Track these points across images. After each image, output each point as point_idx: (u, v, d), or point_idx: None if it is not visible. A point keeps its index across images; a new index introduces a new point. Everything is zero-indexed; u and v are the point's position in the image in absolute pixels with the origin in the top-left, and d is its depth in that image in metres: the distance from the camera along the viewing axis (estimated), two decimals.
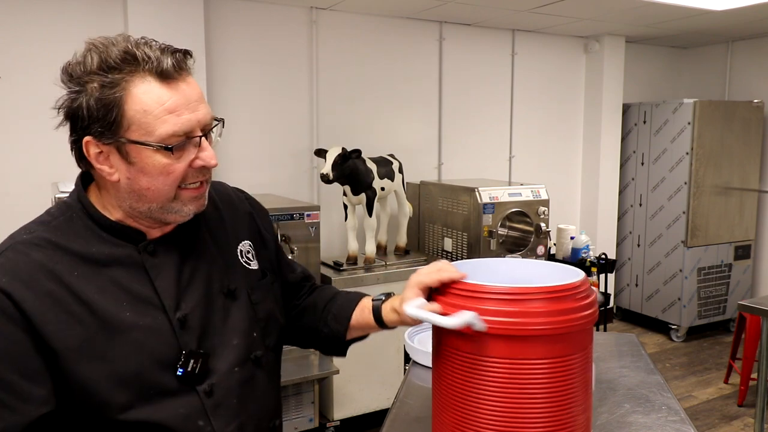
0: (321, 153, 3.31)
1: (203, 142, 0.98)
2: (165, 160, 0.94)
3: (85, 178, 1.04)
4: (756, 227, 5.02)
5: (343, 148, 3.22)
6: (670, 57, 5.57)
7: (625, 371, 1.67)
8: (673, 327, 4.85)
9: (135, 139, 0.93)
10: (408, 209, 3.76)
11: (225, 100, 3.52)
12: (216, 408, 1.01)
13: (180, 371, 0.98)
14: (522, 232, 3.60)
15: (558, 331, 0.95)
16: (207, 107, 0.99)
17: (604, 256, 3.92)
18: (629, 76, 5.12)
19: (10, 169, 3.11)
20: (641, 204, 5.06)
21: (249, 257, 1.16)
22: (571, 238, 3.97)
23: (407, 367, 1.98)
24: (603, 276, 3.93)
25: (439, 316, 0.97)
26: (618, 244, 5.26)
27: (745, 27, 4.58)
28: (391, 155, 3.70)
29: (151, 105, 0.92)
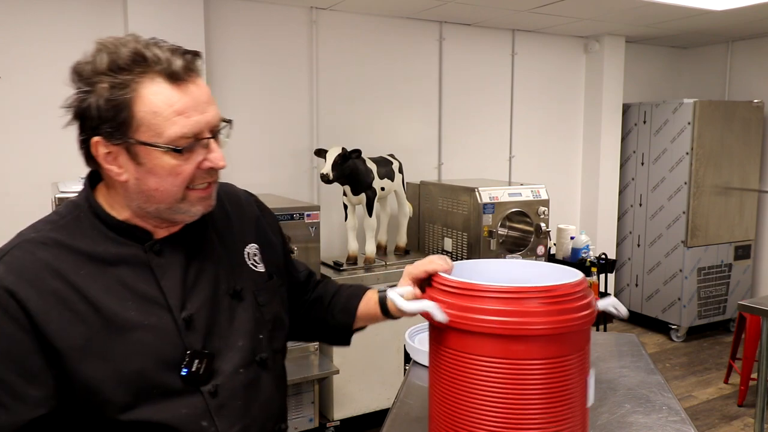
0: (321, 153, 3.31)
1: (211, 143, 0.98)
2: (173, 161, 0.94)
3: (94, 177, 1.04)
4: (756, 227, 5.02)
5: (343, 148, 3.22)
6: (670, 57, 5.57)
7: (625, 371, 1.67)
8: (673, 327, 4.85)
9: (144, 141, 0.93)
10: (408, 209, 3.76)
11: (225, 100, 3.52)
12: (220, 409, 1.00)
13: (184, 371, 0.97)
14: (522, 232, 3.60)
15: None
16: (215, 109, 1.00)
17: (604, 256, 3.92)
18: (629, 76, 5.12)
19: (10, 169, 3.11)
20: (641, 204, 5.06)
21: (256, 260, 1.15)
22: (571, 238, 3.97)
23: (407, 367, 1.98)
24: (603, 276, 3.93)
25: (402, 300, 1.08)
26: (618, 244, 5.26)
27: (745, 27, 4.58)
28: (391, 155, 3.70)
29: (161, 106, 0.92)
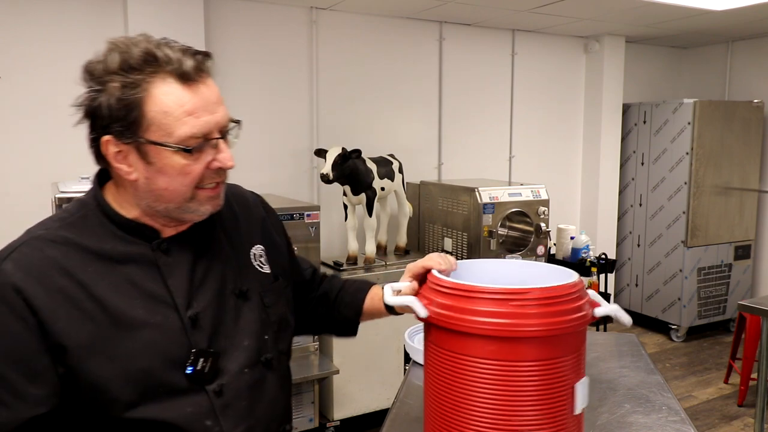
0: (321, 153, 3.31)
1: (220, 143, 0.99)
2: (183, 161, 0.95)
3: (102, 175, 1.05)
4: (756, 227, 5.02)
5: (343, 148, 3.22)
6: (670, 57, 5.57)
7: (625, 371, 1.67)
8: (673, 327, 4.85)
9: (154, 140, 0.94)
10: (408, 209, 3.76)
11: (225, 100, 3.51)
12: (225, 408, 1.00)
13: (189, 369, 0.97)
14: (522, 232, 3.60)
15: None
16: (225, 109, 1.01)
17: (604, 256, 3.92)
18: (629, 76, 5.11)
19: (10, 169, 3.11)
20: (641, 204, 5.06)
21: (262, 261, 1.16)
22: (571, 238, 3.97)
23: (407, 367, 1.98)
24: (603, 276, 3.93)
25: (389, 294, 1.13)
26: (618, 244, 5.26)
27: (745, 27, 4.58)
28: (391, 155, 3.70)
29: (171, 106, 0.93)
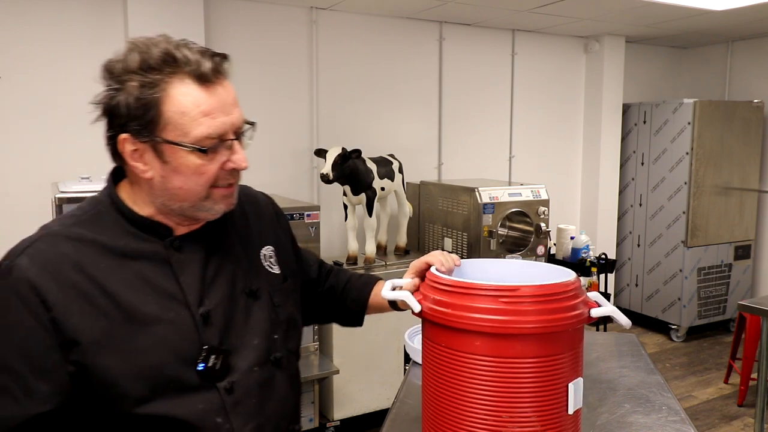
0: (321, 153, 3.31)
1: (235, 144, 1.01)
2: (198, 161, 0.97)
3: (117, 173, 1.06)
4: (756, 227, 5.02)
5: (343, 148, 3.22)
6: (670, 57, 5.57)
7: (625, 371, 1.67)
8: (673, 327, 4.85)
9: (170, 139, 0.95)
10: (408, 209, 3.76)
11: None
12: (235, 406, 1.01)
13: (201, 366, 0.98)
14: (522, 232, 3.60)
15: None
16: (240, 111, 1.01)
17: (604, 256, 3.92)
18: (629, 76, 5.12)
19: (10, 169, 3.11)
20: (641, 204, 5.06)
21: (272, 261, 1.17)
22: (571, 238, 3.97)
23: (407, 367, 1.98)
24: (603, 276, 3.93)
25: (387, 288, 1.17)
26: (618, 244, 5.26)
27: (745, 27, 4.58)
28: (391, 155, 3.70)
29: (189, 107, 0.94)
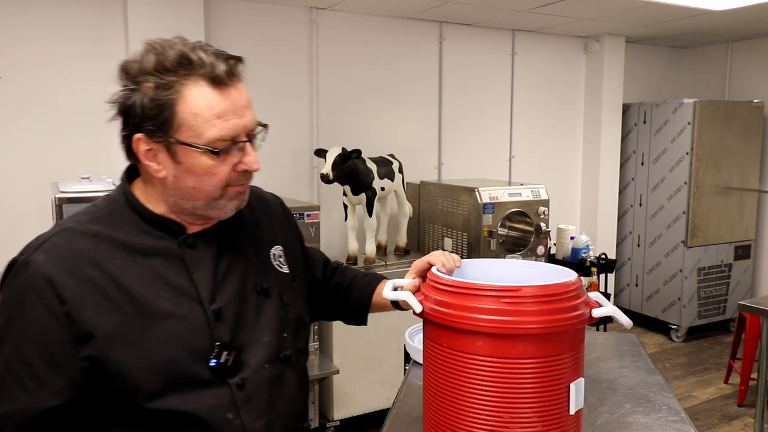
0: (321, 153, 3.30)
1: (247, 146, 1.02)
2: (210, 162, 0.98)
3: (131, 172, 1.08)
4: (756, 227, 5.02)
5: (343, 148, 3.22)
6: (670, 57, 5.57)
7: (625, 371, 1.67)
8: (673, 327, 4.85)
9: (184, 140, 0.96)
10: (408, 209, 3.76)
11: None
12: (246, 402, 1.02)
13: (213, 362, 0.99)
14: (522, 232, 3.60)
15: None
16: (253, 113, 1.03)
17: (604, 256, 3.92)
18: (629, 76, 5.11)
19: (10, 169, 3.11)
20: (641, 204, 5.06)
21: (281, 261, 1.19)
22: (571, 238, 3.97)
23: (407, 367, 1.98)
24: (603, 276, 3.93)
25: (388, 288, 1.17)
26: (618, 244, 5.26)
27: (745, 27, 4.58)
28: (391, 155, 3.70)
29: (202, 109, 0.96)
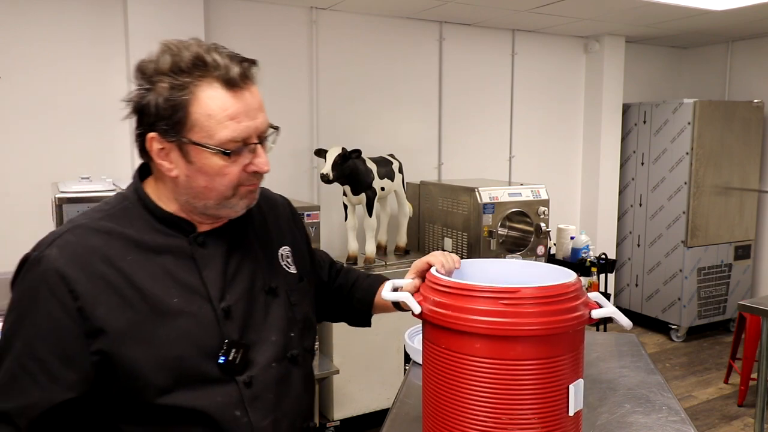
0: (321, 153, 3.31)
1: (258, 148, 1.03)
2: (221, 162, 0.99)
3: (143, 170, 1.10)
4: (756, 227, 5.02)
5: (343, 148, 3.22)
6: (670, 57, 5.57)
7: (625, 371, 1.67)
8: (673, 327, 4.85)
9: (196, 141, 0.98)
10: (408, 209, 3.76)
11: None
12: (254, 400, 1.03)
13: (222, 359, 1.00)
14: (522, 232, 3.60)
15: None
16: (265, 116, 1.04)
17: (604, 256, 3.92)
18: (629, 76, 5.11)
19: (10, 169, 3.11)
20: (641, 204, 5.06)
21: (288, 261, 1.20)
22: (571, 238, 3.97)
23: (407, 367, 1.98)
24: (603, 276, 3.93)
25: (387, 289, 1.18)
26: (618, 244, 5.26)
27: (745, 27, 4.58)
28: (391, 155, 3.70)
29: (215, 110, 0.97)
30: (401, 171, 3.67)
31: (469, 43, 4.43)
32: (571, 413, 0.99)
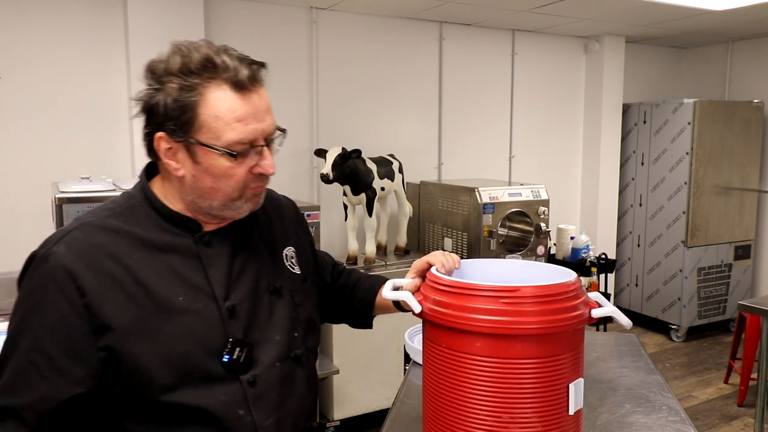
0: (321, 153, 3.31)
1: (264, 150, 1.05)
2: (228, 163, 1.00)
3: (150, 169, 1.11)
4: (756, 227, 5.02)
5: (343, 148, 3.22)
6: (670, 57, 5.57)
7: (625, 371, 1.67)
8: (673, 327, 4.85)
9: (203, 141, 0.99)
10: (408, 209, 3.76)
11: None
12: (257, 399, 1.03)
13: (226, 358, 1.01)
14: (522, 232, 3.60)
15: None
16: (272, 118, 1.06)
17: (604, 256, 3.92)
18: (629, 76, 5.11)
19: (10, 169, 3.11)
20: (641, 204, 5.06)
21: (293, 262, 1.21)
22: (571, 238, 3.97)
23: (407, 367, 1.98)
24: (603, 276, 3.93)
25: (388, 288, 1.17)
26: (618, 244, 5.26)
27: (745, 27, 4.58)
28: (391, 155, 3.70)
29: (223, 112, 0.98)
30: (401, 171, 3.67)
31: (469, 43, 4.43)
32: (572, 412, 0.99)
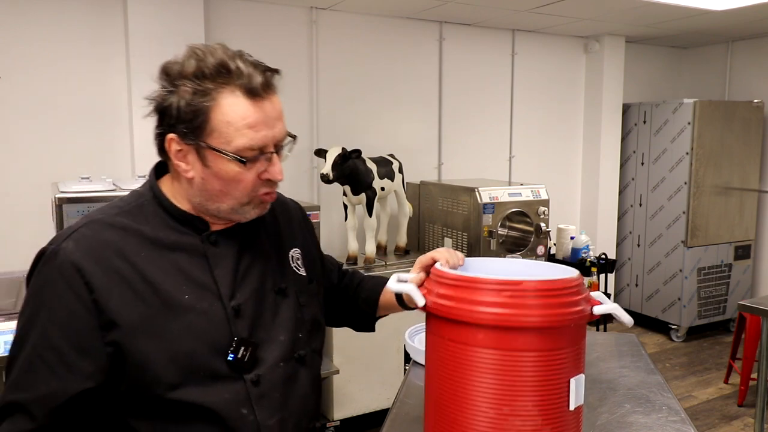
0: (321, 153, 3.30)
1: (274, 157, 1.06)
2: (237, 168, 1.01)
3: (159, 168, 1.12)
4: (756, 227, 5.03)
5: (343, 148, 3.22)
6: (670, 57, 5.57)
7: (625, 371, 1.67)
8: (673, 327, 4.85)
9: (213, 146, 1.00)
10: (408, 209, 3.76)
11: None
12: (261, 398, 1.04)
13: (231, 356, 1.02)
14: (522, 232, 3.60)
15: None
16: (283, 125, 1.07)
17: (604, 256, 3.92)
18: (629, 76, 5.12)
19: (10, 169, 3.11)
20: (641, 204, 5.06)
21: (299, 263, 1.22)
22: (571, 238, 3.97)
23: (407, 367, 1.99)
24: (603, 276, 3.93)
25: (393, 281, 1.15)
26: (618, 244, 5.26)
27: (745, 27, 4.58)
28: (391, 155, 3.70)
29: (235, 118, 0.99)
30: (401, 171, 3.67)
31: (469, 43, 4.43)
32: (572, 408, 0.99)
